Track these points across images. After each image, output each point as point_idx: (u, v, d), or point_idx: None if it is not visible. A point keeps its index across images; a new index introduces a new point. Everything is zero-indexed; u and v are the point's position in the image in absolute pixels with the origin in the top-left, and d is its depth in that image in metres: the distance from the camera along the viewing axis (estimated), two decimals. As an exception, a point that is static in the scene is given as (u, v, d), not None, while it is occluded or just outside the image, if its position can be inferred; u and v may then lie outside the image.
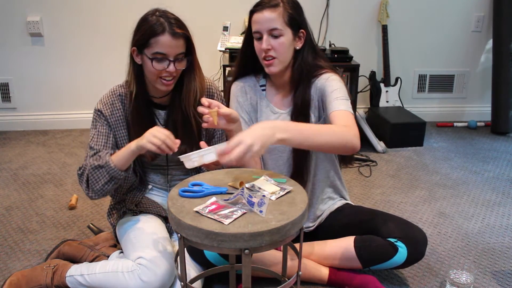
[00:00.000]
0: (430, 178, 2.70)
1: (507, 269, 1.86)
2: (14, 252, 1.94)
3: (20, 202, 2.37)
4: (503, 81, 3.36)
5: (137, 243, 1.57)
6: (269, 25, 1.57)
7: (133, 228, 1.64)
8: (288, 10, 1.59)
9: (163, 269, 1.49)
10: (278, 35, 1.58)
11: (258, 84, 1.77)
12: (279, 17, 1.57)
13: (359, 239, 1.65)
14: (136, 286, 1.48)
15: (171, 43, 1.51)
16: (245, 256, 1.14)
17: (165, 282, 1.49)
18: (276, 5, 1.58)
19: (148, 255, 1.51)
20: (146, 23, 1.52)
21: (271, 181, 1.34)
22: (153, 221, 1.67)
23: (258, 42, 1.61)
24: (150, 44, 1.52)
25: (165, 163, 1.75)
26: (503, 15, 3.34)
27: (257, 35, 1.61)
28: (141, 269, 1.49)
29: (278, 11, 1.57)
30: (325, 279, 1.69)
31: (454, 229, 2.15)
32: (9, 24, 3.24)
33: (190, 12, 3.33)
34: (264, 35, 1.58)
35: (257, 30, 1.60)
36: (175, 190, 1.31)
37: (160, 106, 1.69)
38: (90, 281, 1.56)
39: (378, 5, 3.42)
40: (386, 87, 3.46)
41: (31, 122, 3.46)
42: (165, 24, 1.51)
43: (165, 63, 1.53)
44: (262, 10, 1.58)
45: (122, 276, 1.50)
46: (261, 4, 1.60)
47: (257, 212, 1.18)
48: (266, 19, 1.57)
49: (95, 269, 1.57)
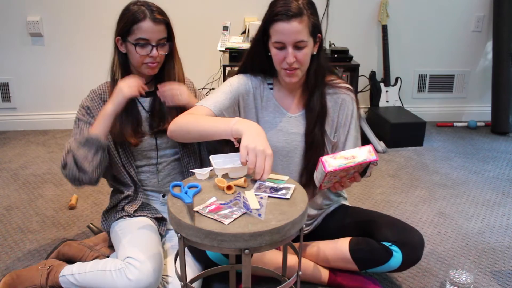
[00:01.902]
0: (430, 178, 2.70)
1: (507, 269, 1.86)
2: (14, 252, 1.94)
3: (20, 202, 2.37)
4: (503, 81, 3.36)
5: (127, 244, 1.58)
6: (296, 37, 1.47)
7: (125, 230, 1.65)
8: (312, 18, 1.50)
9: (150, 268, 1.48)
10: (303, 46, 1.49)
11: (266, 81, 1.69)
12: (305, 27, 1.48)
13: (354, 242, 1.64)
14: (123, 284, 1.47)
15: (153, 28, 1.59)
16: (245, 256, 1.14)
17: (152, 281, 1.48)
18: (301, 13, 1.47)
19: (136, 254, 1.51)
20: (128, 12, 1.61)
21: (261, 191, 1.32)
22: (144, 223, 1.68)
23: (279, 52, 1.51)
24: (133, 31, 1.59)
25: (155, 159, 1.76)
26: (503, 15, 3.34)
27: (279, 45, 1.50)
28: (128, 267, 1.49)
29: (305, 21, 1.47)
30: (325, 280, 1.69)
31: (454, 229, 2.15)
32: (9, 24, 3.24)
33: (190, 12, 3.33)
34: (289, 48, 1.48)
35: (280, 41, 1.49)
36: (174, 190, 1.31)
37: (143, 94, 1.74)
38: (80, 280, 1.57)
39: (378, 5, 3.42)
40: (386, 87, 3.46)
41: (31, 122, 3.46)
42: (146, 11, 1.59)
43: (148, 48, 1.60)
44: (290, 21, 1.45)
45: (110, 274, 1.51)
46: (286, 13, 1.46)
47: (255, 215, 1.18)
48: (293, 31, 1.46)
49: (86, 268, 1.58)
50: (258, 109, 1.67)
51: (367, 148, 1.33)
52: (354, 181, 1.44)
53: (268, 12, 1.52)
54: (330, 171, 1.30)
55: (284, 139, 1.64)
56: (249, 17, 3.29)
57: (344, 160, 1.31)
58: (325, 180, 1.35)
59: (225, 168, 1.39)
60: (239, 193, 1.24)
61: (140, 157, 1.75)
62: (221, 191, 1.32)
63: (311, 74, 1.59)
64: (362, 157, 1.32)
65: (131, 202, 1.73)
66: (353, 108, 1.65)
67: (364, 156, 1.32)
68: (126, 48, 1.64)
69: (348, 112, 1.65)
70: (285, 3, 1.48)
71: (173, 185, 1.33)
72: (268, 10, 1.53)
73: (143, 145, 1.71)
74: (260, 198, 1.25)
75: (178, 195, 1.28)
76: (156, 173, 1.77)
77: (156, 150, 1.75)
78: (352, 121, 1.66)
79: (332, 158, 1.32)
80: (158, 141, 1.73)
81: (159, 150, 1.75)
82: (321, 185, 1.38)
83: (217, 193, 1.31)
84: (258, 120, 1.68)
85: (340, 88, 1.64)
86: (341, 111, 1.65)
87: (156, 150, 1.75)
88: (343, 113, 1.65)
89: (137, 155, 1.74)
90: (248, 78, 1.66)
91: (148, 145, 1.73)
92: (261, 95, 1.68)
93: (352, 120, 1.66)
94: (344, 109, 1.64)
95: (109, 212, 1.79)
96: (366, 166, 1.36)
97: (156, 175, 1.77)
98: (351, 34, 3.44)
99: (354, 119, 1.66)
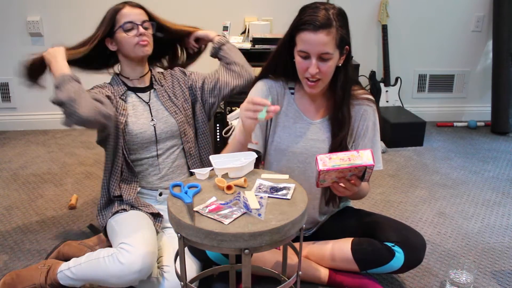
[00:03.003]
0: (430, 178, 2.70)
1: (507, 269, 1.86)
2: (14, 252, 1.94)
3: (20, 202, 2.37)
4: (503, 81, 3.36)
5: (121, 233, 1.59)
6: (321, 49, 1.44)
7: (120, 223, 1.66)
8: (340, 30, 1.46)
9: (142, 251, 1.49)
10: (328, 59, 1.47)
11: (287, 86, 1.67)
12: (332, 40, 1.44)
13: (357, 242, 1.65)
14: (116, 269, 1.48)
15: (133, 11, 1.73)
16: (245, 256, 1.14)
17: (145, 265, 1.48)
18: (329, 25, 1.43)
19: (128, 240, 1.52)
20: (108, 11, 1.74)
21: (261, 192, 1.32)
22: (140, 216, 1.69)
23: (303, 61, 1.49)
24: (117, 20, 1.71)
25: (155, 151, 1.78)
26: (503, 15, 3.34)
27: (304, 54, 1.48)
28: (120, 252, 1.50)
29: (332, 33, 1.44)
30: (325, 280, 1.69)
31: (454, 229, 2.15)
32: (9, 24, 3.24)
33: (190, 12, 3.33)
34: (313, 59, 1.46)
35: (305, 51, 1.46)
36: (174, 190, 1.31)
37: (140, 89, 1.81)
38: (76, 272, 1.57)
39: (378, 5, 3.42)
40: (386, 87, 3.47)
41: (31, 122, 3.46)
42: (123, 2, 1.76)
43: (135, 29, 1.71)
44: (317, 32, 1.43)
45: (103, 261, 1.52)
46: (314, 23, 1.43)
47: (255, 215, 1.19)
48: (319, 42, 1.43)
49: (81, 260, 1.59)
50: (277, 115, 1.65)
51: (366, 152, 1.32)
52: (355, 185, 1.41)
53: (297, 18, 1.49)
54: (322, 170, 1.30)
55: (303, 145, 1.63)
56: (249, 17, 3.29)
57: (339, 161, 1.31)
58: (320, 178, 1.35)
59: (225, 168, 1.39)
60: (239, 193, 1.24)
61: (140, 150, 1.76)
62: (221, 191, 1.32)
63: (338, 87, 1.56)
64: (358, 161, 1.31)
65: (129, 194, 1.74)
66: (374, 120, 1.63)
67: (360, 160, 1.31)
68: (116, 42, 1.74)
69: (369, 123, 1.62)
70: (314, 12, 1.45)
71: (173, 185, 1.33)
72: (297, 17, 1.50)
73: (143, 136, 1.73)
74: (260, 198, 1.25)
75: (178, 195, 1.28)
76: (157, 165, 1.79)
77: (155, 142, 1.77)
78: (372, 132, 1.63)
79: (327, 157, 1.31)
80: (157, 131, 1.77)
81: (158, 142, 1.77)
82: (317, 183, 1.38)
83: (217, 193, 1.31)
84: (277, 125, 1.66)
85: (363, 99, 1.62)
86: (361, 121, 1.62)
87: (156, 142, 1.77)
88: (363, 124, 1.63)
89: (137, 148, 1.76)
90: (266, 85, 1.65)
91: (148, 136, 1.75)
92: (282, 100, 1.66)
93: (371, 132, 1.63)
94: (365, 121, 1.62)
95: (105, 208, 1.80)
96: (363, 171, 1.36)
97: (157, 167, 1.79)
98: (351, 34, 3.43)
99: (373, 131, 1.63)
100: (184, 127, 1.82)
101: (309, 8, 1.47)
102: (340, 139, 1.59)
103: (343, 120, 1.58)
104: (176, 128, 1.80)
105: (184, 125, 1.82)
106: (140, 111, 1.77)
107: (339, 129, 1.59)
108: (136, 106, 1.78)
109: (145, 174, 1.79)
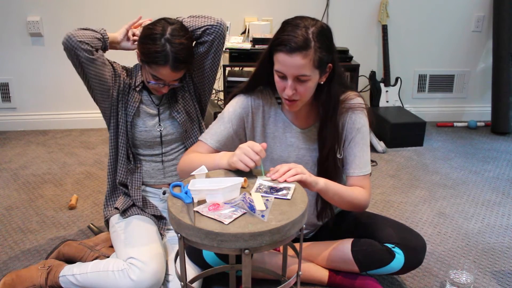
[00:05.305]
0: (430, 178, 2.70)
1: (507, 269, 1.86)
2: (14, 252, 1.94)
3: (20, 202, 2.37)
4: (503, 81, 3.36)
5: (128, 244, 1.58)
6: (297, 72, 1.38)
7: (125, 229, 1.65)
8: (319, 51, 1.38)
9: (153, 269, 1.49)
10: (305, 80, 1.40)
11: (274, 96, 1.61)
12: (309, 62, 1.37)
13: (357, 243, 1.64)
14: (126, 285, 1.48)
15: (170, 74, 1.59)
16: (245, 256, 1.14)
17: (154, 282, 1.50)
18: (306, 47, 1.36)
19: (138, 254, 1.52)
20: (152, 46, 1.55)
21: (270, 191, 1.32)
22: (145, 222, 1.68)
23: (280, 80, 1.44)
24: (151, 66, 1.59)
25: (160, 151, 1.77)
26: (503, 15, 3.34)
27: (281, 74, 1.42)
28: (131, 268, 1.50)
29: (309, 55, 1.36)
30: (325, 280, 1.69)
31: (454, 229, 2.15)
32: (9, 24, 3.24)
33: (190, 12, 3.33)
34: (290, 81, 1.40)
35: (281, 71, 1.41)
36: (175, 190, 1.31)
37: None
38: (82, 281, 1.57)
39: (378, 5, 3.42)
40: (386, 87, 3.46)
41: (31, 122, 3.46)
42: (169, 56, 1.54)
43: (160, 83, 1.63)
44: (292, 54, 1.36)
45: (113, 275, 1.51)
46: (289, 44, 1.35)
47: (259, 217, 1.18)
48: (294, 65, 1.37)
49: (87, 268, 1.58)
50: (265, 126, 1.62)
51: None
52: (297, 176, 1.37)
53: (275, 36, 1.42)
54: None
55: (295, 154, 1.62)
56: (249, 17, 3.28)
57: None
58: None
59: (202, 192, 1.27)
60: (244, 194, 1.24)
61: (144, 147, 1.76)
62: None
63: (320, 104, 1.52)
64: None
65: (135, 191, 1.73)
66: (360, 126, 1.56)
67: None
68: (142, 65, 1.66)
69: (356, 129, 1.56)
70: (293, 31, 1.37)
71: (173, 185, 1.33)
72: (276, 34, 1.43)
73: (147, 135, 1.72)
74: (266, 200, 1.25)
75: (178, 195, 1.28)
76: (161, 163, 1.78)
77: (160, 144, 1.76)
78: (359, 136, 1.57)
79: None
80: (162, 132, 1.74)
81: (163, 145, 1.76)
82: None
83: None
84: (266, 136, 1.63)
85: (350, 106, 1.56)
86: (348, 129, 1.57)
87: (161, 144, 1.76)
88: (350, 132, 1.57)
89: (141, 145, 1.75)
90: (246, 99, 1.60)
91: (152, 136, 1.73)
92: (268, 111, 1.62)
93: (359, 137, 1.57)
94: (352, 128, 1.57)
95: (110, 197, 1.79)
96: None
97: (160, 163, 1.78)
98: (351, 34, 3.43)
99: (361, 135, 1.57)
100: (186, 126, 1.79)
101: (289, 25, 1.40)
102: (327, 150, 1.54)
103: (328, 134, 1.53)
104: (182, 130, 1.78)
105: (187, 123, 1.78)
106: (148, 112, 1.74)
107: (325, 141, 1.54)
108: (145, 107, 1.74)
109: (148, 169, 1.78)
